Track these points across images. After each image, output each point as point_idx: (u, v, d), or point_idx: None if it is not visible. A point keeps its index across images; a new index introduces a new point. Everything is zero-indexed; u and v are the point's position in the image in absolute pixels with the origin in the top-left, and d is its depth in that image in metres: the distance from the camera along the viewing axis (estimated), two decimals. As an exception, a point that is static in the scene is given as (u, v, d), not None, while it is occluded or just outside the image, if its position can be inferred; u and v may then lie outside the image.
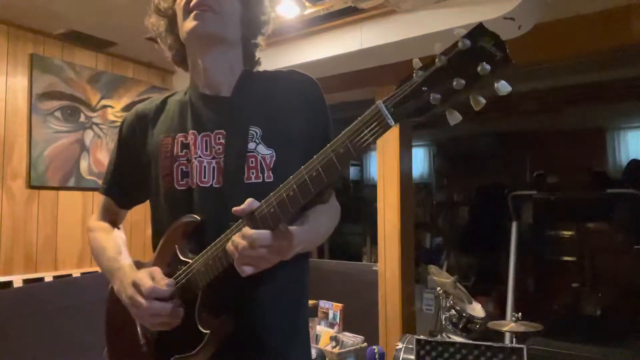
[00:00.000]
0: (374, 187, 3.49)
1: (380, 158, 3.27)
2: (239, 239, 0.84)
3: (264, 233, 0.83)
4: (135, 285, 0.94)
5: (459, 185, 6.49)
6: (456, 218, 6.42)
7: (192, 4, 1.02)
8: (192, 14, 1.02)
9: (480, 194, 6.02)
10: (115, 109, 3.22)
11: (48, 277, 2.77)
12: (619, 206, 4.69)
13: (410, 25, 2.48)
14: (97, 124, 3.11)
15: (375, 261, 3.31)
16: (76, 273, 2.91)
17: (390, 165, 3.21)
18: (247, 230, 0.84)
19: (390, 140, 3.22)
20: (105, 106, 3.17)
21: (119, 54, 3.23)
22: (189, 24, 1.03)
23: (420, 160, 6.79)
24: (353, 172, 6.75)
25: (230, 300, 0.97)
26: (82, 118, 3.04)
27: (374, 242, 3.75)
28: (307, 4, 2.52)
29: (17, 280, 2.64)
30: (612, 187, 4.62)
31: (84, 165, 3.02)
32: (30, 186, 2.78)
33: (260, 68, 1.18)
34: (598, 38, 2.52)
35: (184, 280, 0.96)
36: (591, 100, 4.62)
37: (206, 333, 0.92)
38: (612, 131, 5.55)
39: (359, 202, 6.53)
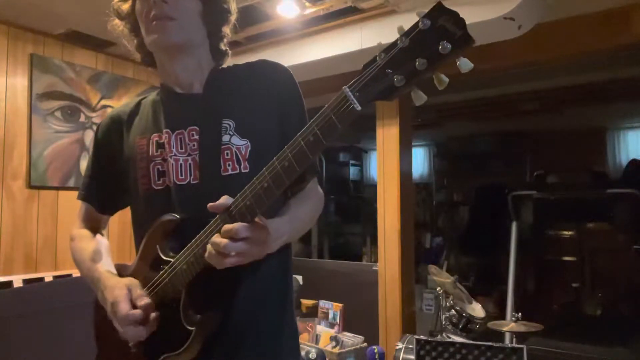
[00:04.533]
0: (374, 187, 3.49)
1: (380, 158, 3.27)
2: (219, 239, 0.82)
3: (242, 225, 0.82)
4: (114, 306, 0.93)
5: (459, 185, 6.50)
6: (456, 218, 6.42)
7: (151, 14, 1.00)
8: (153, 25, 1.01)
9: (480, 194, 6.02)
10: (115, 109, 3.22)
11: (48, 277, 2.77)
12: (619, 206, 4.69)
13: (410, 25, 2.47)
14: (97, 124, 3.11)
15: (375, 261, 3.31)
16: (76, 273, 2.90)
17: (390, 165, 3.21)
18: (226, 226, 0.83)
19: (390, 140, 3.22)
20: (105, 106, 3.16)
21: (119, 54, 3.23)
22: (150, 36, 1.02)
23: (420, 160, 6.80)
24: (353, 172, 6.76)
25: (214, 296, 0.97)
26: (82, 118, 3.04)
27: (374, 242, 3.75)
28: (307, 4, 2.52)
29: (17, 280, 2.64)
30: (612, 187, 4.61)
31: (84, 165, 3.02)
32: (30, 186, 2.78)
33: None
34: (598, 38, 2.52)
35: (167, 280, 0.97)
36: (591, 100, 4.62)
37: (192, 330, 0.93)
38: (612, 131, 5.55)
39: (359, 202, 6.54)
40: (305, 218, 1.04)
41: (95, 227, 1.21)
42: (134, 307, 0.92)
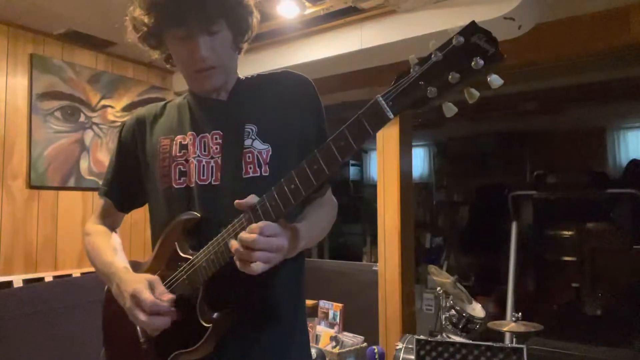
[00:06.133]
0: (374, 187, 3.49)
1: (380, 158, 3.27)
2: (247, 235, 0.84)
3: (270, 223, 0.85)
4: (135, 298, 0.93)
5: (459, 185, 6.49)
6: (456, 218, 6.42)
7: (195, 67, 1.02)
8: (196, 76, 1.04)
9: (480, 194, 6.02)
10: (115, 109, 3.22)
11: (48, 277, 2.77)
12: (619, 206, 4.69)
13: (410, 25, 2.48)
14: (97, 124, 3.11)
15: (375, 261, 3.31)
16: (76, 273, 2.91)
17: (390, 165, 3.21)
18: (253, 224, 0.85)
19: (390, 140, 3.22)
20: (105, 106, 3.16)
21: (119, 54, 3.23)
22: (195, 85, 1.08)
23: (420, 160, 6.79)
24: (353, 172, 6.75)
25: (231, 294, 0.98)
26: (82, 118, 3.04)
27: (374, 242, 3.75)
28: (307, 4, 2.52)
29: (17, 280, 2.64)
30: (612, 187, 4.61)
31: (84, 165, 3.02)
32: (30, 186, 2.78)
33: (261, 68, 1.19)
34: (598, 38, 2.52)
35: (184, 276, 0.98)
36: (591, 100, 4.62)
37: (208, 327, 0.93)
38: (612, 131, 5.55)
39: (359, 202, 6.53)
40: (322, 224, 1.07)
41: (111, 224, 1.23)
42: None
